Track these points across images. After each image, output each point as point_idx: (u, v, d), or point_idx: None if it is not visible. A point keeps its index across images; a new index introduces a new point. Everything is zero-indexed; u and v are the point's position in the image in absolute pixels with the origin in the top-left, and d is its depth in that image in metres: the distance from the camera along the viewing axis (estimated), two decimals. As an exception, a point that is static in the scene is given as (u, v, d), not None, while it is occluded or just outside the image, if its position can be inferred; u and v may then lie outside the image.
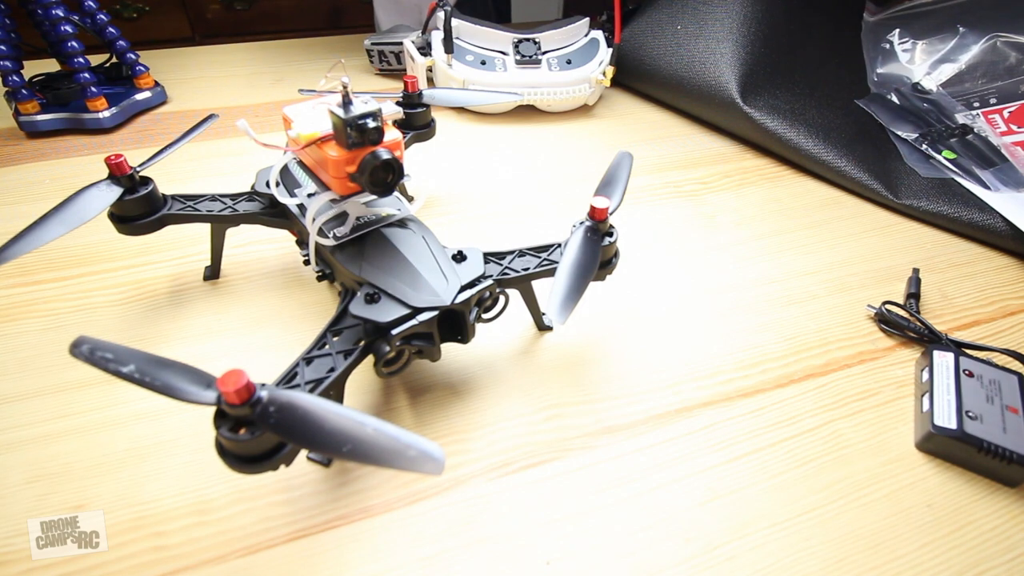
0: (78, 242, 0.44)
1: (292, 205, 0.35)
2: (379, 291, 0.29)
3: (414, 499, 0.29)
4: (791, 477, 0.30)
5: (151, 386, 0.21)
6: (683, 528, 0.28)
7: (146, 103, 0.67)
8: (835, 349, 0.38)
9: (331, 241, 0.32)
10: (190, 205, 0.37)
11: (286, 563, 0.26)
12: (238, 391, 0.20)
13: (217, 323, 0.38)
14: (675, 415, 0.33)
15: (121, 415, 0.32)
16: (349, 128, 0.28)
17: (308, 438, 0.20)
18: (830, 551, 0.27)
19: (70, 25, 0.59)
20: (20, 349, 0.36)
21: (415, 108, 0.47)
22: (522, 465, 0.30)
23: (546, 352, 0.37)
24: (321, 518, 0.28)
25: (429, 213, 0.50)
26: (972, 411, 0.31)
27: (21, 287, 0.41)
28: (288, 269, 0.43)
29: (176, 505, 0.28)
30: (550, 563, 0.26)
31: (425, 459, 0.20)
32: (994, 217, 0.48)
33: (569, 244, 0.31)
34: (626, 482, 0.30)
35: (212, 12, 1.01)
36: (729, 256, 0.46)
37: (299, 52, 0.86)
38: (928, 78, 0.66)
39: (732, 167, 0.59)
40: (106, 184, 0.34)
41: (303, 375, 0.27)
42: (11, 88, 0.58)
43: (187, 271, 0.42)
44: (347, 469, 0.30)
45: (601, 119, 0.69)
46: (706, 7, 0.63)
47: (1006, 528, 0.28)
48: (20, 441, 0.31)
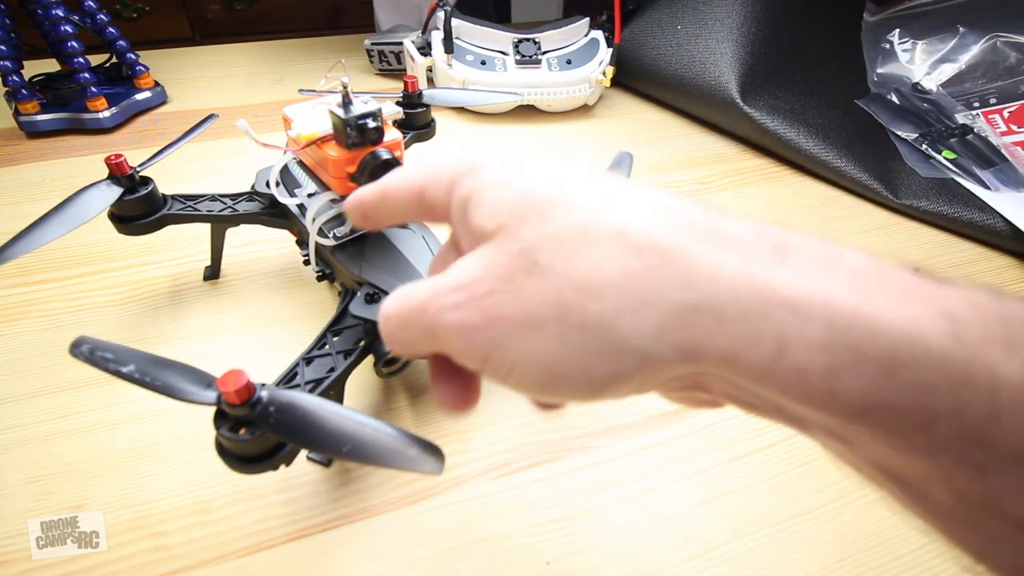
0: (78, 242, 0.44)
1: (292, 205, 0.35)
2: (379, 291, 0.29)
3: (414, 499, 0.29)
4: (791, 477, 0.30)
5: (151, 386, 0.21)
6: (683, 528, 0.28)
7: (146, 103, 0.67)
8: (835, 349, 0.38)
9: (331, 241, 0.32)
10: (190, 205, 0.37)
11: (286, 563, 0.26)
12: (238, 391, 0.20)
13: (217, 323, 0.38)
14: (675, 415, 0.33)
15: (121, 415, 0.32)
16: (349, 128, 0.28)
17: (308, 438, 0.20)
18: (830, 551, 0.27)
19: (70, 25, 0.59)
20: (20, 349, 0.36)
21: (415, 108, 0.47)
22: (522, 465, 0.30)
23: (546, 352, 0.37)
24: (321, 518, 0.28)
25: (429, 213, 0.50)
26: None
27: (21, 287, 0.41)
28: (288, 269, 0.43)
29: (176, 505, 0.28)
30: (550, 563, 0.26)
31: (425, 459, 0.20)
32: (994, 217, 0.48)
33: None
34: (626, 482, 0.30)
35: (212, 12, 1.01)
36: (729, 256, 0.46)
37: (299, 52, 0.86)
38: (928, 78, 0.66)
39: (732, 167, 0.59)
40: (106, 184, 0.34)
41: (303, 375, 0.27)
42: (11, 88, 0.58)
43: (187, 271, 0.42)
44: (347, 469, 0.30)
45: (601, 119, 0.69)
46: (706, 7, 0.63)
47: (1006, 528, 0.28)
48: (20, 441, 0.31)
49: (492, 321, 0.13)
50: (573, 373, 0.13)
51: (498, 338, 0.13)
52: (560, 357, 0.13)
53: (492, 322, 0.13)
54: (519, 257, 0.13)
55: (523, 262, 0.13)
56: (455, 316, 0.14)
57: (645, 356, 0.12)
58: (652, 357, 0.12)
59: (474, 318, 0.14)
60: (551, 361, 0.13)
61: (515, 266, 0.13)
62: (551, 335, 0.13)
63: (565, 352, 0.13)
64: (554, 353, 0.13)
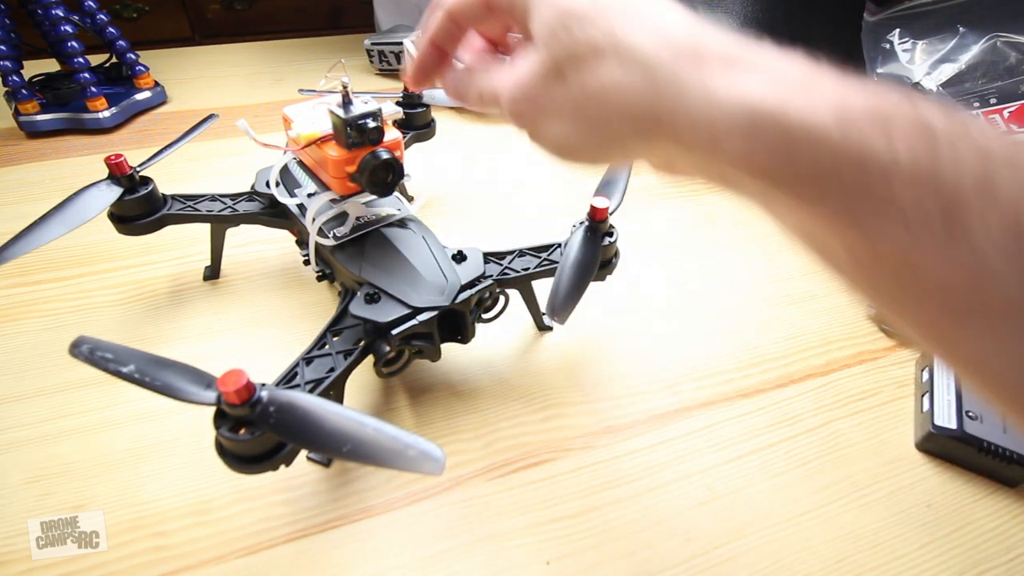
0: (78, 242, 0.44)
1: (292, 205, 0.35)
2: (379, 291, 0.29)
3: (414, 499, 0.29)
4: (791, 477, 0.30)
5: (151, 386, 0.21)
6: (683, 528, 0.28)
7: (146, 103, 0.67)
8: (835, 349, 0.38)
9: (331, 241, 0.32)
10: (190, 205, 0.37)
11: (286, 563, 0.26)
12: (238, 391, 0.20)
13: (217, 323, 0.38)
14: (675, 415, 0.33)
15: (121, 415, 0.32)
16: (349, 128, 0.28)
17: (308, 438, 0.20)
18: (830, 551, 0.27)
19: (70, 25, 0.59)
20: (20, 349, 0.36)
21: (415, 108, 0.47)
22: (522, 465, 0.30)
23: (546, 352, 0.37)
24: (321, 518, 0.28)
25: (429, 213, 0.50)
26: (972, 411, 0.31)
27: (21, 287, 0.41)
28: (288, 269, 0.43)
29: (176, 505, 0.28)
30: (550, 563, 0.26)
31: (425, 459, 0.20)
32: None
33: (569, 244, 0.31)
34: (626, 482, 0.30)
35: (212, 12, 1.01)
36: (729, 256, 0.46)
37: (299, 52, 0.86)
38: (928, 78, 0.66)
39: (732, 167, 0.59)
40: (106, 184, 0.34)
41: (303, 375, 0.27)
42: (11, 88, 0.58)
43: (187, 271, 0.42)
44: (347, 469, 0.30)
45: (601, 119, 0.69)
46: (706, 7, 0.63)
47: (1006, 528, 0.28)
48: (20, 441, 0.31)
49: (534, 111, 0.20)
50: (579, 147, 0.20)
51: (538, 120, 0.20)
52: (572, 137, 0.19)
53: (534, 112, 0.20)
54: (553, 68, 0.18)
55: (556, 72, 0.18)
56: (515, 107, 0.21)
57: (624, 141, 0.18)
58: (630, 144, 0.18)
59: (524, 108, 0.20)
60: (566, 138, 0.20)
61: (550, 75, 0.19)
62: (568, 122, 0.19)
63: (575, 134, 0.19)
64: (568, 134, 0.19)
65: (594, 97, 0.18)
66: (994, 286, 0.13)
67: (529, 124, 0.21)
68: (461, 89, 0.23)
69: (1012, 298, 0.13)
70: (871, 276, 0.15)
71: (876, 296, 0.16)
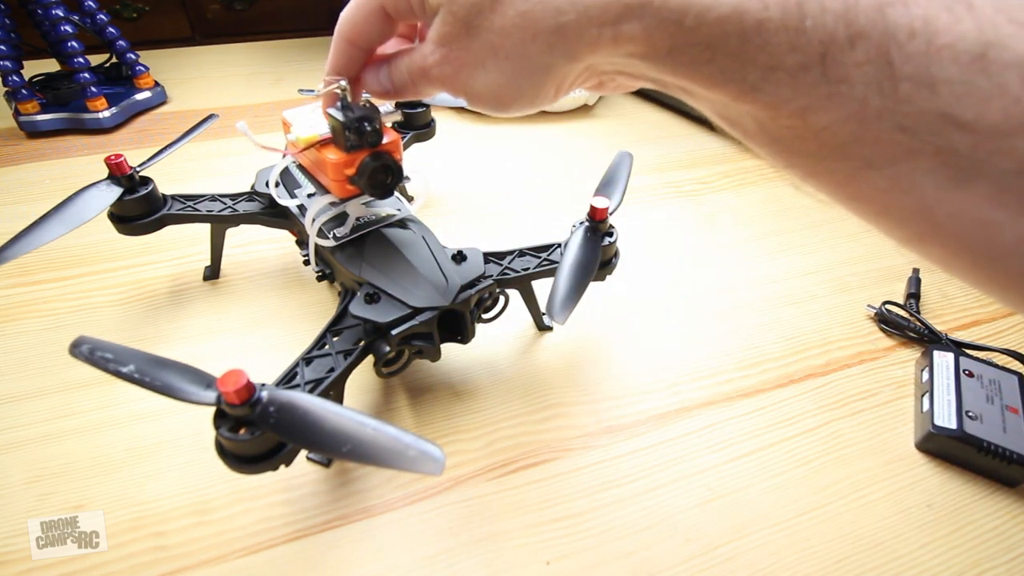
0: (78, 242, 0.44)
1: (292, 206, 0.35)
2: (379, 291, 0.29)
3: (414, 499, 0.29)
4: (791, 477, 0.30)
5: (151, 386, 0.21)
6: (683, 528, 0.28)
7: (146, 103, 0.67)
8: (835, 349, 0.38)
9: (331, 241, 0.32)
10: (190, 205, 0.37)
11: (286, 563, 0.26)
12: (238, 391, 0.20)
13: (217, 323, 0.38)
14: (675, 415, 0.33)
15: (121, 415, 0.32)
16: (348, 131, 0.28)
17: (308, 438, 0.20)
18: (830, 551, 0.27)
19: (70, 25, 0.59)
20: (20, 349, 0.36)
21: (415, 108, 0.47)
22: (522, 465, 0.30)
23: (546, 352, 0.37)
24: (321, 518, 0.28)
25: (429, 213, 0.50)
26: (972, 411, 0.31)
27: (21, 287, 0.41)
28: (288, 269, 0.43)
29: (176, 505, 0.28)
30: (550, 563, 0.26)
31: (425, 459, 0.20)
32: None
33: (569, 244, 0.31)
34: (626, 482, 0.30)
35: (212, 12, 1.01)
36: (729, 256, 0.46)
37: (299, 52, 0.86)
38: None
39: (732, 167, 0.59)
40: (106, 184, 0.34)
41: (303, 375, 0.27)
42: (11, 88, 0.58)
43: (187, 271, 0.42)
44: (347, 469, 0.30)
45: (601, 119, 0.69)
46: None
47: (1006, 528, 0.28)
48: (20, 441, 0.31)
49: (459, 68, 0.20)
50: (511, 89, 0.20)
51: (465, 77, 0.20)
52: (502, 81, 0.19)
53: (460, 68, 0.20)
54: (463, 23, 0.19)
55: (466, 26, 0.19)
56: (439, 71, 0.21)
57: (549, 67, 0.18)
58: (553, 66, 0.18)
59: (450, 70, 0.20)
60: (497, 84, 0.20)
61: (462, 32, 0.19)
62: (492, 69, 0.19)
63: (502, 77, 0.19)
64: (496, 80, 0.19)
65: (506, 34, 0.18)
66: (874, 122, 0.14)
67: (461, 84, 0.21)
68: (386, 81, 0.23)
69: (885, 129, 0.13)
70: (774, 138, 0.16)
71: (783, 157, 0.17)
